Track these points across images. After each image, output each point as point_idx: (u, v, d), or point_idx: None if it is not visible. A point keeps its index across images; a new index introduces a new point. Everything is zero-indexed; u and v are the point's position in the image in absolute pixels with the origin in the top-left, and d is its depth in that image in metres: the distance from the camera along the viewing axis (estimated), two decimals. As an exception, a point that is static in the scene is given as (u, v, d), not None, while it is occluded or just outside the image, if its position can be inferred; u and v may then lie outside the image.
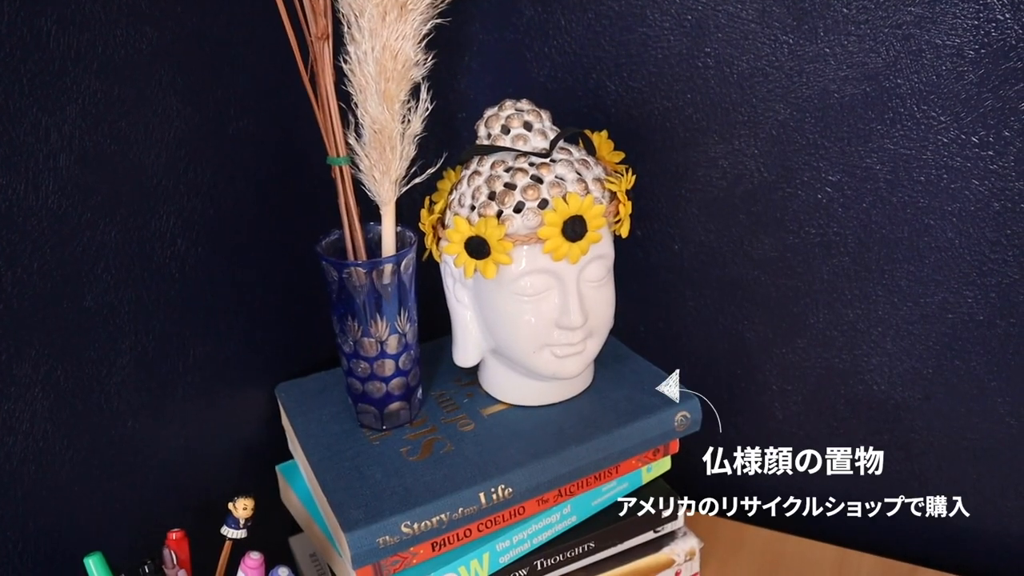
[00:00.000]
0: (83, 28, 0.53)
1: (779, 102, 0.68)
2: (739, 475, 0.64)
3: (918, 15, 0.62)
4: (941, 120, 0.64)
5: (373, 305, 0.61)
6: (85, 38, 0.53)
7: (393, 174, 0.62)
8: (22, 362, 0.53)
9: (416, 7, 0.60)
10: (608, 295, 0.64)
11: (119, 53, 0.55)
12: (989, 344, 0.70)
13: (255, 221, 0.67)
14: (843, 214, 0.70)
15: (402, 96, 0.61)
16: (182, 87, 0.60)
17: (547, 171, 0.60)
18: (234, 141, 0.64)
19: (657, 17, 0.69)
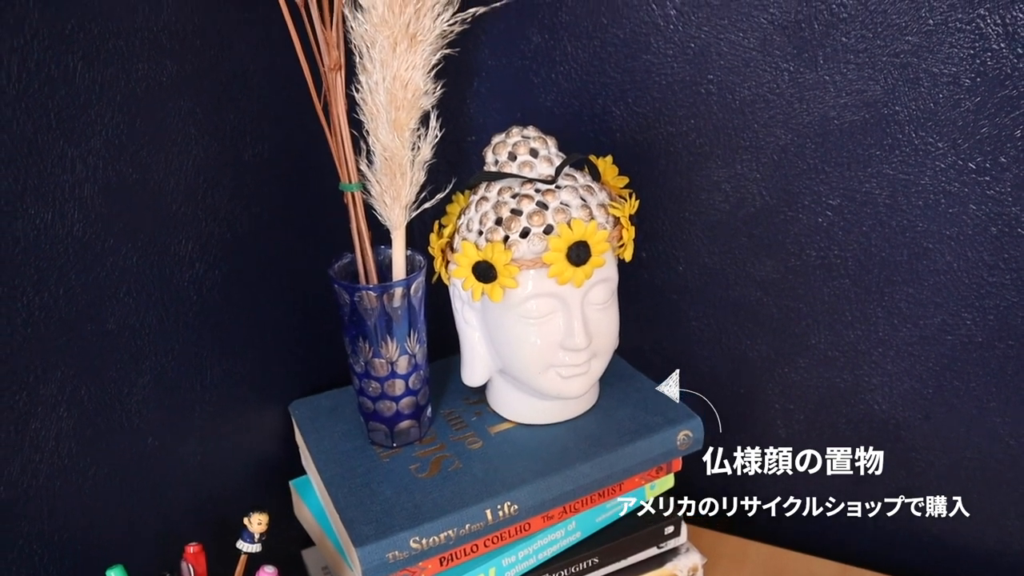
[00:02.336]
0: (107, 63, 0.55)
1: (780, 128, 0.70)
2: (739, 475, 0.65)
3: (915, 44, 0.64)
4: (938, 146, 0.66)
5: (384, 327, 0.63)
6: (109, 73, 0.55)
7: (403, 199, 0.64)
8: (48, 383, 0.55)
9: (425, 38, 0.62)
10: (612, 317, 0.66)
11: (141, 86, 0.57)
12: (988, 365, 0.71)
13: (270, 244, 0.70)
14: (843, 237, 0.71)
15: (412, 124, 0.63)
16: (200, 117, 0.62)
17: (552, 197, 0.62)
18: (250, 167, 0.66)
19: (661, 45, 0.71)
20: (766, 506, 0.68)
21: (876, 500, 0.68)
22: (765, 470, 0.66)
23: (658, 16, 0.70)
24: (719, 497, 0.67)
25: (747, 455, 0.66)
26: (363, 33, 0.61)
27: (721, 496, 0.67)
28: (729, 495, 0.67)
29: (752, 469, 0.66)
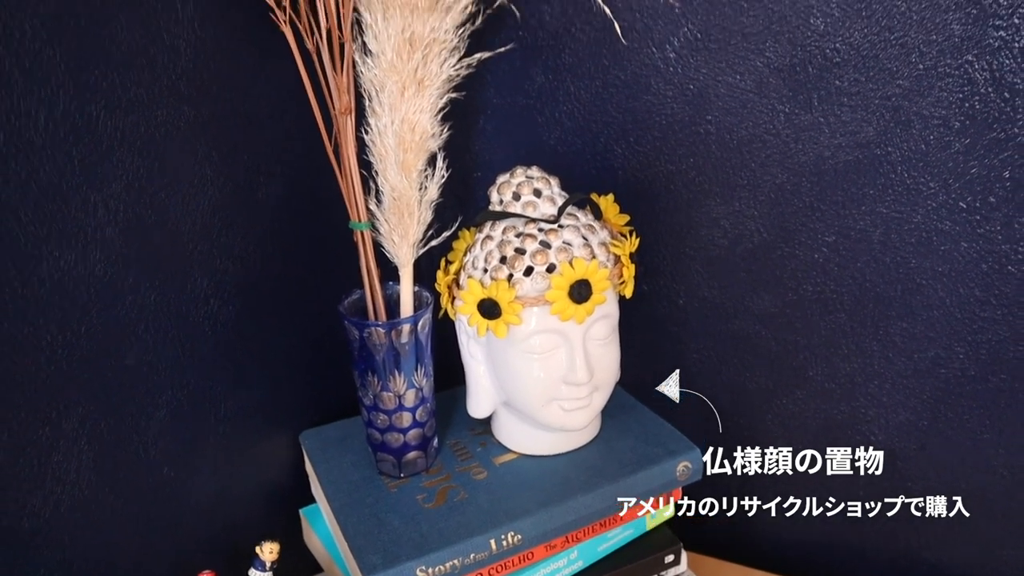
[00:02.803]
0: (128, 111, 0.58)
1: (777, 167, 0.72)
2: (739, 475, 0.67)
3: (906, 88, 0.66)
4: (930, 186, 0.68)
5: (392, 362, 0.66)
6: (130, 120, 0.58)
7: (411, 238, 0.66)
8: (70, 418, 0.58)
9: (432, 83, 0.64)
10: (613, 352, 0.68)
11: (160, 131, 0.60)
12: (981, 398, 0.72)
13: (282, 280, 0.72)
14: (839, 273, 0.73)
15: (419, 165, 0.65)
16: (216, 159, 0.65)
17: (555, 236, 0.64)
18: (263, 207, 0.69)
19: (661, 86, 0.73)
20: (766, 506, 0.69)
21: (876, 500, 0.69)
22: (765, 470, 0.68)
23: (658, 59, 0.72)
24: (719, 497, 0.68)
25: (747, 455, 0.67)
26: (372, 78, 0.64)
27: (721, 496, 0.68)
28: (729, 495, 0.68)
29: (752, 469, 0.68)
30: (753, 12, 0.68)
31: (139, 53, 0.58)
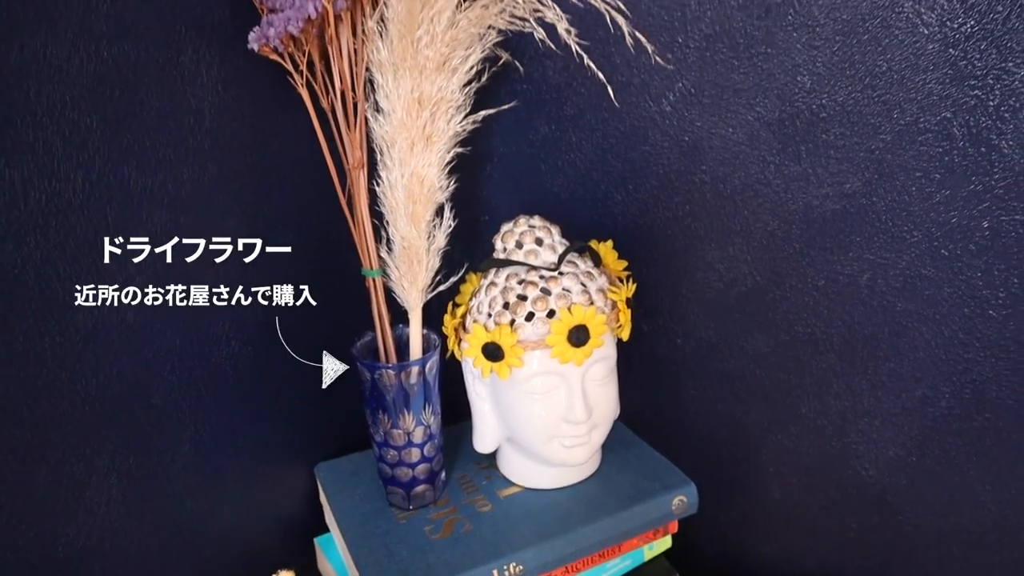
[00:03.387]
0: (157, 170, 0.62)
1: (768, 215, 0.75)
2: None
3: (889, 142, 0.69)
4: (914, 234, 0.71)
5: (401, 401, 0.70)
6: (159, 178, 0.63)
7: (420, 283, 0.70)
8: (102, 455, 0.62)
9: (440, 139, 0.68)
10: (611, 392, 0.72)
11: (186, 188, 0.65)
12: (967, 436, 0.75)
13: (301, 319, 0.76)
14: (828, 315, 0.76)
15: (428, 216, 0.69)
16: (237, 210, 0.69)
17: (555, 284, 0.68)
18: (280, 252, 0.73)
19: (658, 137, 0.77)
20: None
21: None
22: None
23: (655, 112, 0.76)
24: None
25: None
26: (384, 134, 0.68)
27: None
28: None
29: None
30: (744, 70, 0.72)
31: (167, 116, 0.62)
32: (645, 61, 0.75)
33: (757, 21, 0.71)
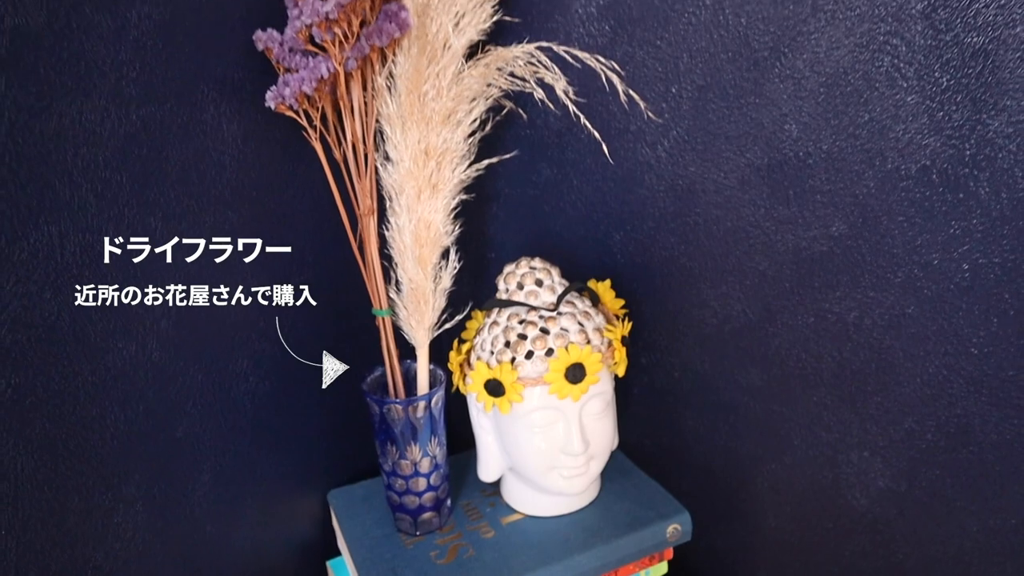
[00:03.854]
0: (181, 219, 0.67)
1: (759, 255, 0.79)
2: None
3: (872, 188, 0.73)
4: (898, 275, 0.74)
5: (409, 434, 0.74)
6: (183, 226, 0.67)
7: (427, 322, 0.75)
8: (129, 484, 0.67)
9: (445, 187, 0.73)
10: (607, 425, 0.75)
11: (208, 236, 0.69)
12: (953, 468, 0.78)
13: (315, 355, 0.80)
14: (818, 351, 0.80)
15: (434, 259, 0.74)
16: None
17: (553, 324, 0.72)
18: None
19: (654, 181, 0.81)
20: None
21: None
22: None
23: (651, 157, 0.80)
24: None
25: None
26: (392, 183, 0.73)
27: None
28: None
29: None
30: (734, 119, 0.76)
31: (191, 169, 0.67)
32: (641, 109, 0.79)
33: (746, 73, 0.75)
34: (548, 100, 0.68)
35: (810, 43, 0.71)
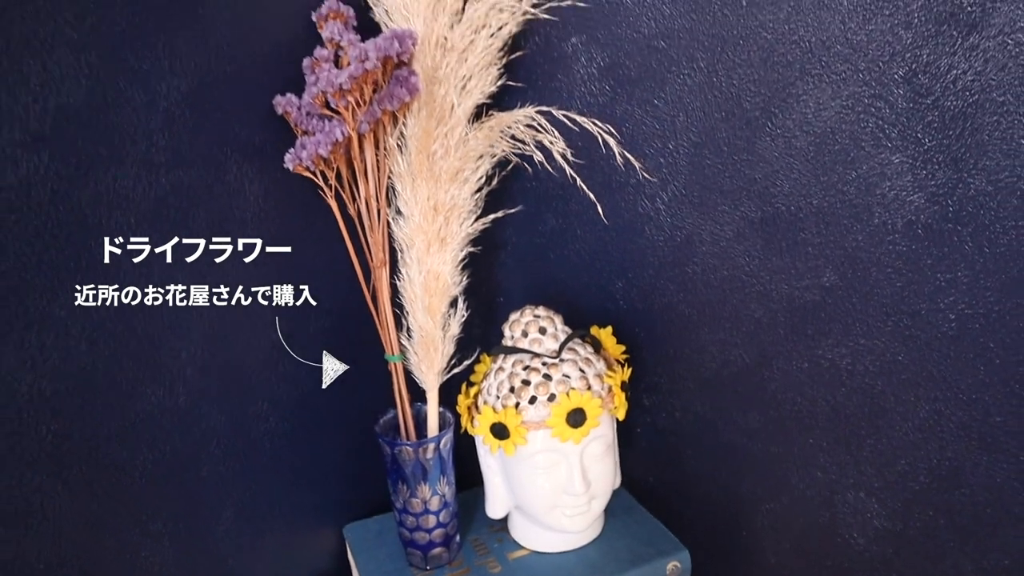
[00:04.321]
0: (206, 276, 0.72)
1: (754, 303, 0.82)
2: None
3: (861, 242, 0.76)
4: (887, 323, 0.77)
5: (419, 473, 0.78)
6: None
7: (436, 367, 0.79)
8: (156, 520, 0.71)
9: (453, 240, 0.77)
10: (608, 466, 0.79)
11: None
12: (945, 509, 0.80)
13: (329, 400, 0.85)
14: (812, 395, 0.83)
15: (443, 308, 0.78)
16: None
17: (556, 370, 0.76)
18: (313, 338, 0.82)
19: (654, 232, 0.85)
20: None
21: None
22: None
23: (650, 210, 0.84)
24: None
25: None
26: (403, 236, 0.77)
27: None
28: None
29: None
30: (728, 174, 0.80)
31: (216, 227, 0.72)
32: (642, 164, 0.83)
33: (739, 132, 0.78)
34: (547, 162, 0.73)
35: (799, 104, 0.75)
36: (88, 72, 0.61)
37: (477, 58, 0.77)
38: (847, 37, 0.71)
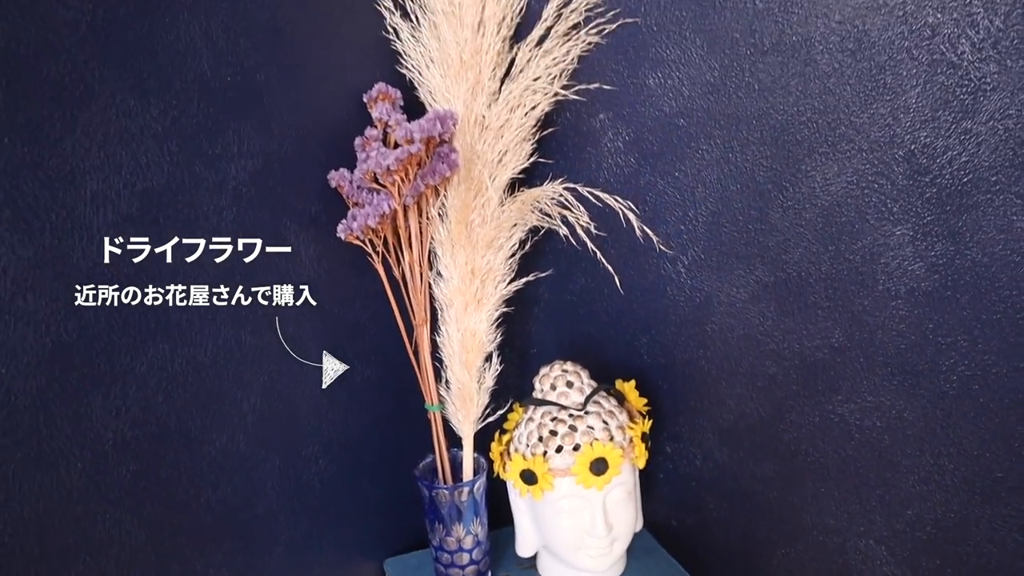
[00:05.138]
0: (262, 334, 0.80)
1: (768, 360, 0.88)
2: None
3: (867, 305, 0.82)
4: (893, 382, 0.82)
5: (455, 514, 0.85)
6: (266, 339, 0.80)
7: (472, 417, 0.86)
8: (217, 553, 0.79)
9: (488, 302, 0.85)
10: (629, 511, 0.85)
11: (289, 343, 0.82)
12: (952, 559, 0.85)
13: (374, 444, 0.92)
14: (824, 447, 0.88)
15: (479, 363, 0.85)
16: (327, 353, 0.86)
17: (581, 422, 0.83)
18: (361, 388, 0.90)
19: (675, 293, 0.91)
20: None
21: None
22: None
23: (672, 272, 0.91)
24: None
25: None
26: (443, 297, 0.85)
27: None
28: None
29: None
30: (743, 241, 0.86)
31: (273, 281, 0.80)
32: (663, 231, 0.90)
33: (753, 203, 0.85)
34: (571, 237, 0.80)
35: (807, 179, 0.81)
36: (169, 159, 0.70)
37: (512, 135, 0.85)
38: (851, 120, 0.78)
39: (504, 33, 0.86)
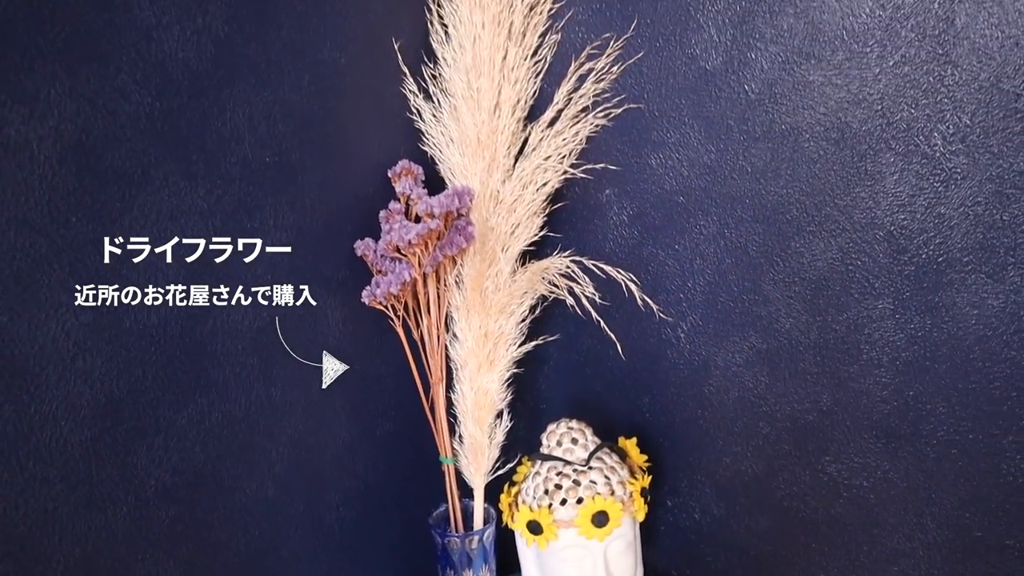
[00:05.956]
0: (291, 388, 0.87)
1: (762, 421, 0.94)
2: None
3: (853, 372, 0.88)
4: (877, 444, 0.88)
5: (465, 561, 0.91)
6: (293, 395, 0.87)
7: (483, 470, 0.92)
8: (246, 595, 0.85)
9: (500, 363, 0.91)
10: (629, 561, 0.90)
11: (313, 397, 0.89)
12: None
13: (391, 493, 0.99)
14: (815, 504, 0.93)
15: (490, 420, 0.92)
16: (348, 408, 0.93)
17: (584, 476, 0.89)
18: (380, 441, 0.96)
19: (675, 357, 0.98)
20: None
21: None
22: None
23: (672, 337, 0.97)
24: None
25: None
26: (458, 358, 0.91)
27: None
28: None
29: None
30: (738, 310, 0.92)
31: (306, 347, 0.88)
32: (662, 299, 0.96)
33: (746, 275, 0.91)
34: (577, 307, 0.87)
35: (797, 255, 0.88)
36: (212, 233, 0.78)
37: (524, 209, 0.92)
38: (835, 202, 0.85)
39: (518, 115, 0.94)
